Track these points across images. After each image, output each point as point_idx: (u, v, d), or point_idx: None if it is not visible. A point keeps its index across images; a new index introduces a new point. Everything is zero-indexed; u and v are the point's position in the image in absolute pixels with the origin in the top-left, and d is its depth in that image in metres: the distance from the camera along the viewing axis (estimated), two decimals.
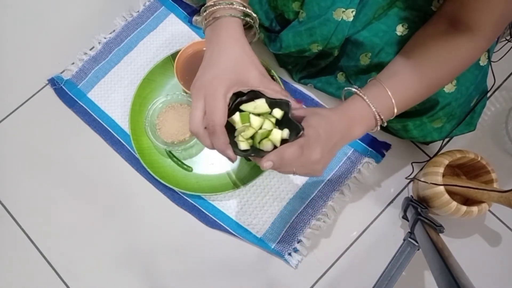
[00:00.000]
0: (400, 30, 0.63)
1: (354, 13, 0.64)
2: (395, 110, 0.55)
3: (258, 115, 0.52)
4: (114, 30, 0.89)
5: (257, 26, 0.58)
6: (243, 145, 0.51)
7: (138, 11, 0.90)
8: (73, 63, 0.87)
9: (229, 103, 0.51)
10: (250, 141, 0.52)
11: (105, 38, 0.88)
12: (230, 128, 0.52)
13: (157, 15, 0.89)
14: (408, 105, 0.57)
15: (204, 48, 0.78)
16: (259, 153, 0.51)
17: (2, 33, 0.91)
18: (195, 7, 0.88)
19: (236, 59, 0.51)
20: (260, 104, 0.52)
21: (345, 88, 0.57)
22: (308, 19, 0.68)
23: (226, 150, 0.50)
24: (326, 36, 0.67)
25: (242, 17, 0.53)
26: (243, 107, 0.52)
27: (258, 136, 0.51)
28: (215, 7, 0.52)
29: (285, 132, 0.51)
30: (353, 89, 0.55)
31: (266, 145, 0.51)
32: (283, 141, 0.51)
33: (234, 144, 0.52)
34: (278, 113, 0.52)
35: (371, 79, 0.57)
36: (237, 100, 0.53)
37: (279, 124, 0.52)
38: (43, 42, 0.89)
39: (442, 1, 0.61)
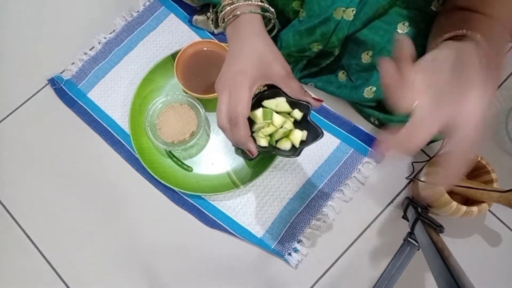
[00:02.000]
0: (401, 28, 0.63)
1: (354, 12, 0.64)
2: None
3: (278, 113, 0.52)
4: (114, 30, 0.89)
5: (275, 20, 0.58)
6: (263, 142, 0.51)
7: (138, 11, 0.90)
8: (73, 63, 0.87)
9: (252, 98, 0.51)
10: (268, 138, 0.52)
11: (105, 38, 0.88)
12: (249, 123, 0.51)
13: (157, 15, 0.89)
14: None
15: (205, 48, 0.79)
16: (277, 152, 0.51)
17: (2, 33, 0.91)
18: (195, 7, 0.88)
19: (260, 54, 0.51)
20: (282, 103, 0.52)
21: (447, 35, 0.46)
22: (308, 18, 0.68)
23: (248, 143, 0.50)
24: (326, 36, 0.67)
25: (261, 13, 0.53)
26: (265, 103, 0.52)
27: (277, 134, 0.51)
28: (233, 5, 0.52)
29: (305, 134, 0.51)
30: (463, 31, 0.44)
31: (284, 144, 0.51)
32: (302, 143, 0.51)
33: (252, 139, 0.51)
34: (298, 114, 0.52)
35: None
36: (258, 95, 0.52)
37: (297, 124, 0.53)
38: (43, 42, 0.89)
39: (441, 1, 0.61)
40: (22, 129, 0.83)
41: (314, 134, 0.51)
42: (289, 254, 0.74)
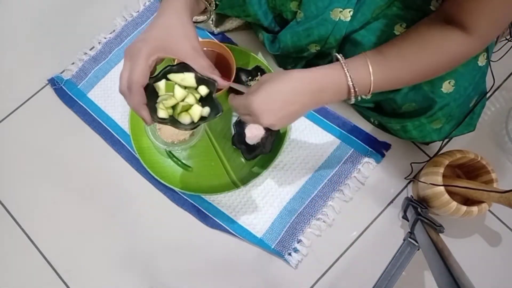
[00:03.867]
0: (398, 29, 0.63)
1: (351, 13, 0.64)
2: (371, 88, 0.55)
3: (184, 88, 0.53)
4: (114, 30, 0.89)
5: (212, 9, 0.59)
6: (162, 113, 0.52)
7: (138, 11, 0.90)
8: (73, 63, 0.87)
9: (155, 69, 0.53)
10: (170, 111, 0.53)
11: (105, 38, 0.88)
12: (155, 94, 0.53)
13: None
14: (384, 87, 0.56)
15: (205, 48, 0.79)
16: (176, 124, 0.53)
17: (2, 33, 0.91)
18: None
19: (168, 27, 0.52)
20: (188, 78, 0.53)
21: (334, 54, 0.58)
22: (305, 19, 0.68)
23: (141, 110, 0.51)
24: (324, 36, 0.67)
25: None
26: (171, 76, 0.53)
27: (178, 107, 0.52)
28: None
29: (205, 110, 0.53)
30: (338, 56, 0.56)
31: (184, 118, 0.53)
32: (202, 118, 0.53)
33: (153, 110, 0.52)
34: (203, 90, 0.53)
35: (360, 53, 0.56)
36: (167, 68, 0.53)
37: (202, 101, 0.54)
38: (43, 42, 0.89)
39: (440, 0, 0.61)
40: (22, 129, 0.84)
41: (215, 112, 0.53)
42: (289, 254, 0.74)
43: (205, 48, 0.79)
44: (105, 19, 0.90)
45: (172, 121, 0.53)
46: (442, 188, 0.66)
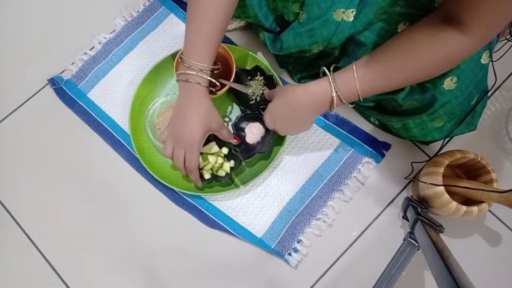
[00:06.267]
0: (401, 29, 0.63)
1: (354, 13, 0.63)
2: (360, 97, 0.60)
3: (212, 154, 0.75)
4: (114, 30, 0.89)
5: (215, 89, 0.72)
6: (207, 176, 0.75)
7: (138, 11, 0.90)
8: (73, 63, 0.87)
9: None
10: (210, 171, 0.75)
11: (105, 38, 0.88)
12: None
13: (157, 15, 0.89)
14: (374, 92, 0.60)
15: None
16: (217, 179, 0.75)
17: (2, 33, 0.91)
18: None
19: (204, 119, 0.67)
20: (213, 146, 0.76)
21: (322, 68, 0.63)
22: (308, 20, 0.68)
23: (198, 181, 0.73)
24: (327, 37, 0.67)
25: (207, 86, 0.67)
26: (202, 149, 0.73)
27: (214, 168, 0.75)
28: (188, 71, 0.64)
29: (232, 163, 0.76)
30: (326, 71, 0.61)
31: (221, 173, 0.75)
32: (231, 169, 0.75)
33: (199, 175, 0.73)
34: (225, 150, 0.76)
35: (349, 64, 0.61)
36: None
37: (227, 157, 0.76)
38: (43, 42, 0.89)
39: None
40: (22, 129, 0.84)
41: (239, 161, 0.75)
42: (289, 254, 0.74)
43: None
44: (105, 19, 0.90)
45: (214, 178, 0.75)
46: (442, 188, 0.66)
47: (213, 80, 0.68)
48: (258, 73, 0.78)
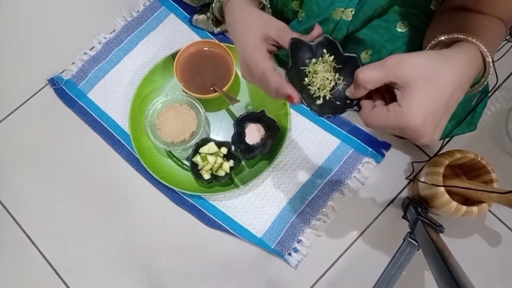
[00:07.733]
0: (400, 27, 0.63)
1: (353, 12, 0.64)
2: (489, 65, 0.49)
3: (211, 154, 0.75)
4: (114, 30, 0.89)
5: (268, 5, 0.62)
6: (206, 176, 0.75)
7: (138, 11, 0.90)
8: (73, 63, 0.87)
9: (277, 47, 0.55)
10: (210, 171, 0.75)
11: (105, 38, 0.88)
12: (194, 165, 0.76)
13: (157, 15, 0.89)
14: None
15: (205, 48, 0.79)
16: (217, 179, 0.74)
17: (2, 33, 0.91)
18: (195, 7, 0.88)
19: (252, 28, 0.53)
20: (211, 146, 0.75)
21: (442, 37, 0.49)
22: (307, 18, 0.68)
23: (282, 89, 0.48)
24: None
25: None
26: (201, 150, 0.75)
27: (214, 168, 0.75)
28: None
29: (231, 162, 0.75)
30: (461, 36, 0.47)
31: (220, 173, 0.75)
32: (231, 168, 0.75)
33: (199, 176, 0.74)
34: (224, 150, 0.76)
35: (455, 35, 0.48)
36: (195, 146, 0.75)
37: (226, 157, 0.76)
38: (43, 42, 0.89)
39: (440, 0, 0.61)
40: (22, 129, 0.84)
41: (238, 160, 0.75)
42: (289, 254, 0.74)
43: (205, 48, 0.79)
44: (105, 19, 0.90)
45: (214, 178, 0.75)
46: (442, 188, 0.66)
47: None
48: (325, 50, 0.50)
